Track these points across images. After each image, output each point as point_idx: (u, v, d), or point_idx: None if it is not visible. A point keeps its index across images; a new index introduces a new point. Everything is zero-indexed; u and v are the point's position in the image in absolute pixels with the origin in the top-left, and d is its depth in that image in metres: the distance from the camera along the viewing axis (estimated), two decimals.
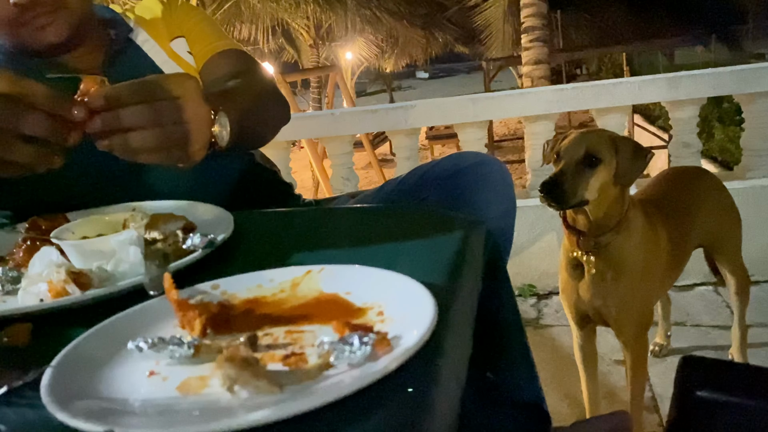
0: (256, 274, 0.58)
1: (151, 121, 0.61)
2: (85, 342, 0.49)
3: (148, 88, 0.62)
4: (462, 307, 0.55)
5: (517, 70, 11.90)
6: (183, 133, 0.63)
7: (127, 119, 0.60)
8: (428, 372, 0.42)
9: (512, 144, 9.65)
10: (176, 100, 0.62)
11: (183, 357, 0.46)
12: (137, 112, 0.60)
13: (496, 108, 2.67)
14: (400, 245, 0.67)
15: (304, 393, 0.39)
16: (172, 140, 0.62)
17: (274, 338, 0.48)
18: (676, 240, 1.49)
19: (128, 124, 0.61)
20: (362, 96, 21.67)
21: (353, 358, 0.41)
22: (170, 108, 0.62)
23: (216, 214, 0.79)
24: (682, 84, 2.47)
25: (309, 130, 2.90)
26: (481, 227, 0.71)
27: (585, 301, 1.40)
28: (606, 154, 1.28)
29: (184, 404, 0.41)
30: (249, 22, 11.55)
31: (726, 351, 1.87)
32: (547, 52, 7.45)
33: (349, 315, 0.49)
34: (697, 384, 0.56)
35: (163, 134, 0.61)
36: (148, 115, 0.61)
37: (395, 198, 1.02)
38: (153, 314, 0.53)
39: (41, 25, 0.90)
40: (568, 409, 1.73)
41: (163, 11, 1.08)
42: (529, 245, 2.54)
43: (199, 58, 1.07)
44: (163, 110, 0.61)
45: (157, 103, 0.61)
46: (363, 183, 2.98)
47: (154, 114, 0.61)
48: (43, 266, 0.62)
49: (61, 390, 0.42)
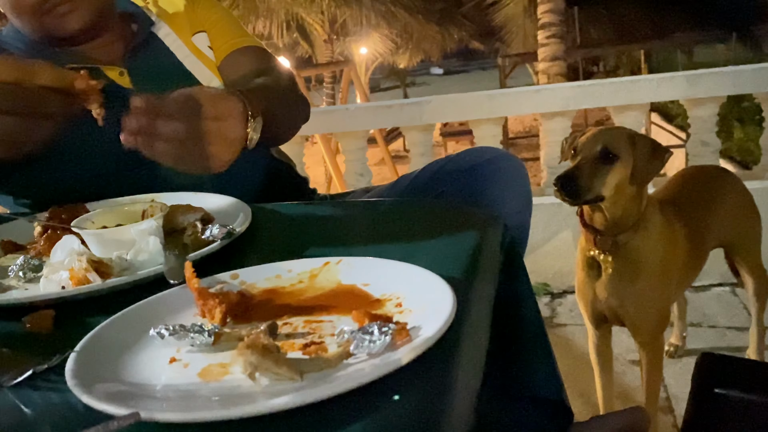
0: (275, 265, 0.58)
1: (188, 137, 0.61)
2: (108, 328, 0.50)
3: (192, 104, 0.62)
4: (480, 300, 0.55)
5: (533, 66, 11.81)
6: (216, 154, 0.63)
7: (164, 130, 0.61)
8: (447, 362, 0.42)
9: (527, 141, 9.60)
10: (218, 124, 0.62)
11: (203, 344, 0.47)
12: (177, 127, 0.61)
13: (512, 104, 2.65)
14: (418, 239, 0.67)
15: (324, 381, 0.40)
16: (202, 157, 0.63)
17: (293, 327, 0.48)
18: (695, 240, 1.47)
19: (164, 136, 0.61)
20: (376, 92, 21.63)
21: (373, 348, 0.41)
22: (210, 130, 0.62)
23: (234, 205, 0.80)
24: (701, 81, 2.43)
25: (323, 125, 2.90)
26: (499, 222, 0.71)
27: (601, 300, 1.38)
28: (623, 152, 1.27)
29: (205, 390, 0.42)
30: (264, 16, 11.57)
31: (743, 352, 1.84)
32: (564, 49, 7.39)
33: (367, 306, 0.49)
34: (715, 381, 0.55)
35: (196, 151, 0.62)
36: (185, 132, 0.61)
37: (411, 193, 1.02)
38: (173, 303, 0.54)
39: (63, 12, 0.91)
40: (582, 408, 1.72)
41: (186, 5, 1.08)
42: (543, 243, 2.52)
43: (220, 54, 1.07)
44: (201, 130, 0.61)
45: (197, 121, 0.61)
46: (376, 179, 2.98)
47: (192, 132, 0.61)
48: (65, 254, 0.62)
49: (86, 374, 0.43)
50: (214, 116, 0.62)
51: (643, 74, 9.71)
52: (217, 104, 0.63)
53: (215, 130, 0.62)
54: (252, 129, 0.71)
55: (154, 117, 0.61)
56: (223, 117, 0.63)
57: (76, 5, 0.92)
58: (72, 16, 0.92)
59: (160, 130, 0.61)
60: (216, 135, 0.62)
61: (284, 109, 0.95)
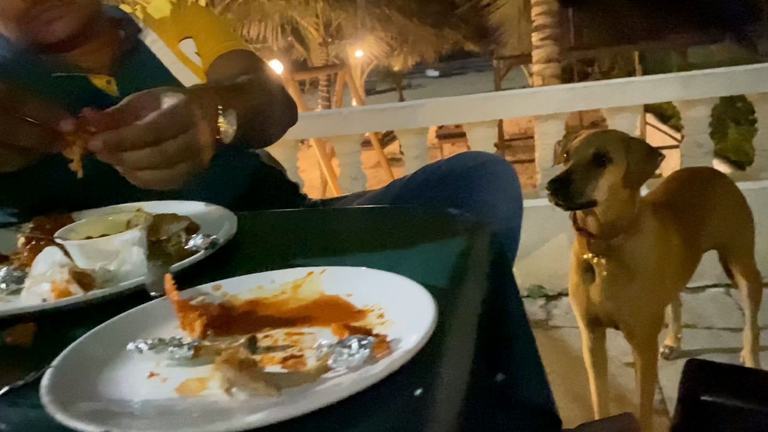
0: (258, 276, 0.58)
1: (151, 164, 0.60)
2: (86, 343, 0.49)
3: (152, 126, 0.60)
4: (464, 310, 0.54)
5: (528, 68, 11.84)
6: (185, 170, 0.62)
7: (129, 159, 0.60)
8: (427, 375, 0.42)
9: (523, 143, 9.60)
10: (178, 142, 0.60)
11: (183, 358, 0.46)
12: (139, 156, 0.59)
13: (506, 107, 2.65)
14: (404, 247, 0.66)
15: (302, 396, 0.39)
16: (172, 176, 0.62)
17: (273, 340, 0.48)
18: (688, 242, 1.47)
19: (127, 164, 0.60)
20: (372, 94, 21.65)
21: (351, 361, 0.41)
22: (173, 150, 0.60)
23: (220, 214, 0.79)
24: (694, 83, 2.44)
25: (317, 129, 2.90)
26: (486, 228, 0.70)
27: (596, 304, 1.38)
28: (616, 155, 1.26)
29: (183, 406, 0.41)
30: (258, 20, 11.57)
31: (738, 354, 1.84)
32: (558, 51, 7.40)
33: (349, 317, 0.49)
34: (702, 388, 0.55)
35: (164, 174, 0.61)
36: (149, 159, 0.60)
37: (402, 198, 1.01)
38: (154, 315, 0.53)
39: (50, 19, 0.90)
40: (577, 411, 1.71)
41: (172, 11, 1.08)
42: (539, 246, 2.52)
43: (207, 59, 1.07)
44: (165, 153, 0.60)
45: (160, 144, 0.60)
46: (372, 182, 2.97)
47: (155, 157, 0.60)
48: (47, 266, 0.62)
49: (61, 390, 0.42)
50: (174, 133, 0.60)
51: (638, 75, 9.73)
52: (178, 118, 0.61)
53: (180, 147, 0.60)
54: (225, 122, 0.70)
55: (117, 144, 0.59)
56: (184, 129, 0.61)
57: (64, 12, 0.91)
58: (59, 23, 0.91)
59: (127, 159, 0.59)
60: (182, 152, 0.60)
61: (268, 108, 0.94)
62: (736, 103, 5.94)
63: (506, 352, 0.65)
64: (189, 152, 0.61)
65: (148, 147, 0.59)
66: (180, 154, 0.60)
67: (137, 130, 0.59)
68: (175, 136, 0.60)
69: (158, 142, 0.59)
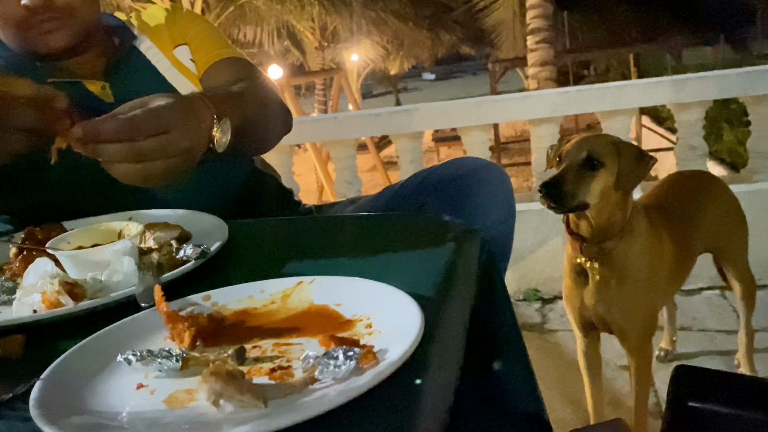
0: (248, 285, 0.58)
1: (127, 157, 0.60)
2: (76, 354, 0.49)
3: (134, 122, 0.61)
4: (453, 318, 0.54)
5: (523, 71, 11.87)
6: (165, 169, 0.63)
7: (107, 152, 0.60)
8: (414, 385, 0.42)
9: (519, 146, 9.63)
10: (156, 140, 0.61)
11: (171, 370, 0.46)
12: (117, 149, 0.60)
13: (500, 111, 2.66)
14: (393, 255, 0.67)
15: (288, 407, 0.39)
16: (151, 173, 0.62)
17: (262, 351, 0.48)
18: (681, 246, 1.47)
19: (106, 157, 0.61)
20: (368, 98, 21.67)
21: (338, 373, 0.41)
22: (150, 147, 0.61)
23: (211, 223, 0.79)
24: (687, 86, 2.45)
25: (312, 134, 2.90)
26: (476, 235, 0.71)
27: (589, 307, 1.39)
28: (608, 158, 1.27)
29: (170, 418, 0.41)
30: (254, 24, 11.58)
31: (732, 356, 1.85)
32: (553, 54, 7.42)
33: (337, 327, 0.49)
34: (689, 394, 0.55)
35: (143, 168, 0.61)
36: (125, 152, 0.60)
37: (394, 204, 1.02)
38: (144, 326, 0.53)
39: (48, 29, 0.90)
40: (572, 414, 1.72)
41: (167, 18, 1.08)
42: (534, 249, 2.52)
43: (201, 66, 1.07)
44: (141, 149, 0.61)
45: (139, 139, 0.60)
46: (368, 186, 2.98)
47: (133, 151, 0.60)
48: (38, 277, 0.62)
49: (50, 403, 0.42)
50: (152, 131, 0.61)
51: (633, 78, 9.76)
52: (159, 118, 0.62)
53: (156, 147, 0.61)
54: (219, 131, 0.70)
55: (93, 135, 0.60)
56: (164, 129, 0.61)
57: (62, 24, 0.91)
58: (57, 35, 0.91)
59: (103, 151, 0.60)
60: (157, 151, 0.61)
61: (263, 115, 0.94)
62: (730, 105, 5.97)
63: (497, 358, 0.66)
64: (165, 152, 0.61)
65: (125, 142, 0.60)
66: (155, 152, 0.61)
67: (115, 123, 0.60)
68: (153, 134, 0.60)
69: (134, 138, 0.60)
